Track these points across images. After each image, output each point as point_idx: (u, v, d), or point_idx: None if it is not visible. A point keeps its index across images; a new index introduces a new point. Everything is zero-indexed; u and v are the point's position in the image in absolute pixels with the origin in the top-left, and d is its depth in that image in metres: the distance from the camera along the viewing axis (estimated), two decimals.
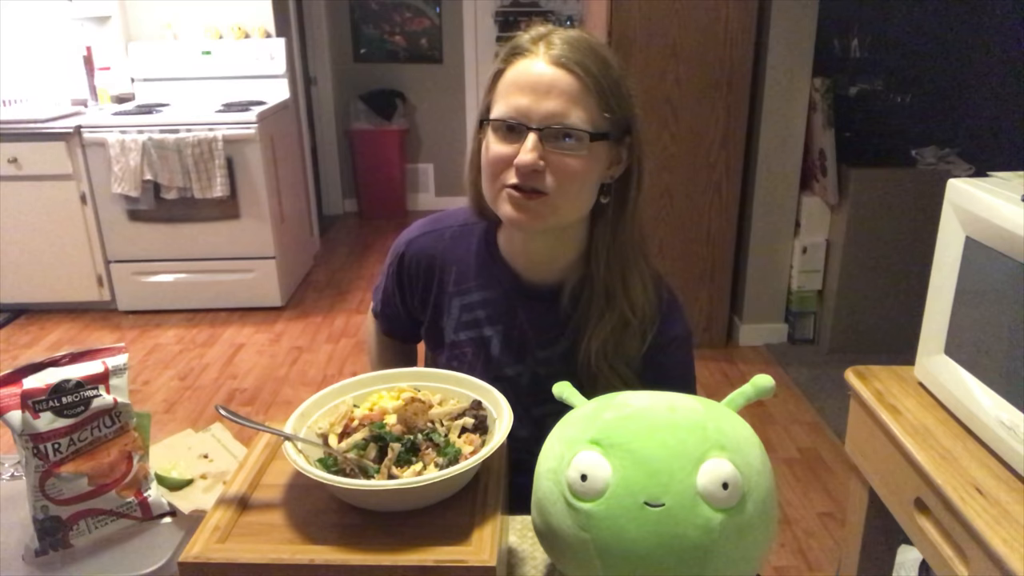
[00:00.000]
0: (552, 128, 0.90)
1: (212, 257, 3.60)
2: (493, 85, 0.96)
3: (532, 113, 0.90)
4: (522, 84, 0.92)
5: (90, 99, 3.86)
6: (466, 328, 1.08)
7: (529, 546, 0.88)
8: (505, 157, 0.92)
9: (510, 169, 0.92)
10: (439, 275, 1.09)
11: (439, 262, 1.09)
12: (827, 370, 3.06)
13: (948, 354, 1.04)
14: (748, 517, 0.66)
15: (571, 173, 0.92)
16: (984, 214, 0.95)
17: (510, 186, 0.93)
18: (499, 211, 0.97)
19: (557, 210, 0.94)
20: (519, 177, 0.91)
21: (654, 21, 2.88)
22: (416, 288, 1.12)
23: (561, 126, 0.90)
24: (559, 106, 0.90)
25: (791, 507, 2.27)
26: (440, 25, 5.08)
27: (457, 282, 1.08)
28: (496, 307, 1.06)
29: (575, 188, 0.94)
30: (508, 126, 0.92)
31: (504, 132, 0.93)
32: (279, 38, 3.90)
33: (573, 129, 0.90)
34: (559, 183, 0.92)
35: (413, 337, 1.21)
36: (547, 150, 0.90)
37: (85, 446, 0.86)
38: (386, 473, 0.76)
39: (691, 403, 0.73)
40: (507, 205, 0.94)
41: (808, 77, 2.99)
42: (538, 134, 0.90)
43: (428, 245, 1.10)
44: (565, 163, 0.91)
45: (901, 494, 1.02)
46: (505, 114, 0.92)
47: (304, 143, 4.40)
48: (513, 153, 0.91)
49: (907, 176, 3.00)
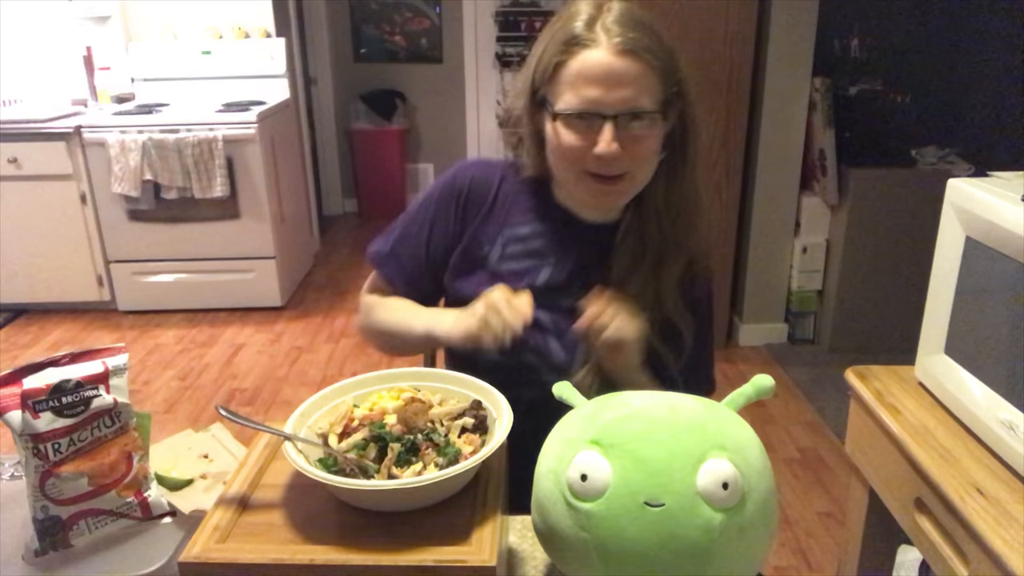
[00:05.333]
0: (626, 114, 0.95)
1: (212, 257, 3.60)
2: (554, 75, 0.99)
3: (605, 103, 0.95)
4: (590, 76, 0.95)
5: (90, 99, 3.86)
6: (514, 259, 1.09)
7: (529, 546, 0.88)
8: (580, 147, 0.97)
9: (586, 156, 0.97)
10: (491, 203, 1.12)
11: (493, 192, 1.12)
12: (827, 370, 3.06)
13: (948, 354, 1.04)
14: (748, 517, 0.66)
15: (647, 151, 0.98)
16: (984, 214, 0.95)
17: (591, 175, 0.98)
18: (578, 193, 1.02)
19: (637, 186, 1.01)
20: (601, 167, 0.97)
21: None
22: (457, 213, 1.12)
23: (635, 111, 0.95)
24: (630, 93, 0.95)
25: (791, 507, 2.27)
26: (440, 25, 5.08)
27: (510, 214, 1.11)
28: (549, 240, 1.09)
29: (651, 163, 1.01)
30: (580, 116, 0.96)
31: (576, 122, 0.97)
32: (279, 38, 3.90)
33: (645, 112, 0.96)
34: (637, 162, 0.98)
35: (414, 288, 1.17)
36: (621, 134, 0.95)
37: (85, 446, 0.86)
38: (386, 473, 0.76)
39: (691, 403, 0.73)
40: (588, 192, 1.01)
41: (808, 77, 2.99)
42: (614, 123, 0.94)
43: (484, 173, 1.14)
44: (641, 143, 0.97)
45: (901, 494, 1.02)
46: (578, 107, 0.96)
47: (304, 143, 4.40)
48: (588, 142, 0.96)
49: (907, 176, 3.00)
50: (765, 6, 2.91)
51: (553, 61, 0.98)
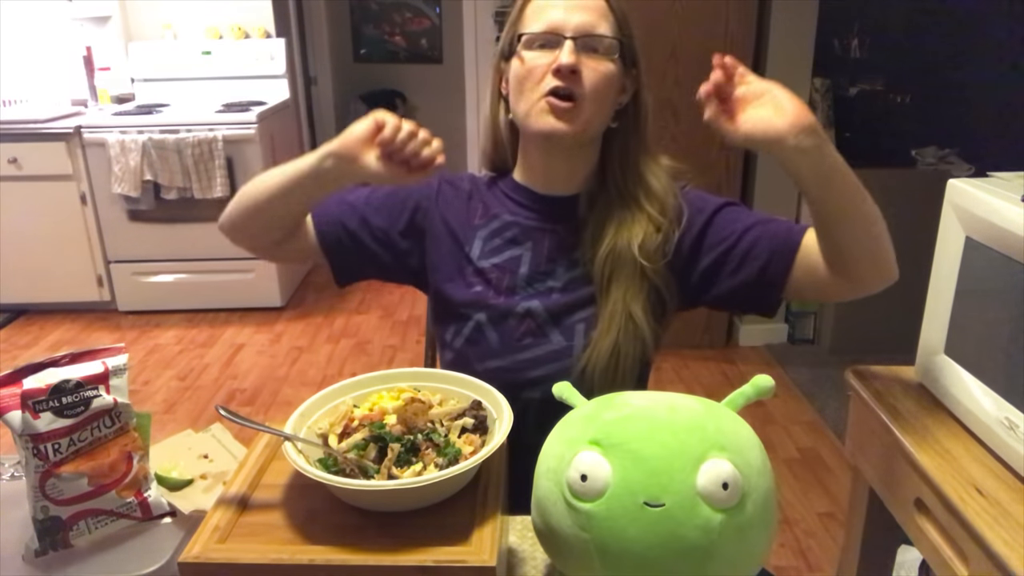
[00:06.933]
0: (585, 37, 0.99)
1: (212, 257, 3.60)
2: (520, 15, 1.05)
3: (566, 24, 1.00)
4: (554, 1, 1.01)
5: (90, 99, 3.86)
6: (493, 254, 1.10)
7: (529, 546, 0.88)
8: (541, 66, 1.00)
9: (546, 78, 1.00)
10: (465, 204, 1.14)
11: (465, 192, 1.15)
12: (827, 370, 3.06)
13: (948, 354, 1.04)
14: (748, 517, 0.66)
15: (604, 77, 1.01)
16: (984, 214, 0.95)
17: (548, 94, 1.00)
18: (536, 124, 1.03)
19: (590, 116, 1.02)
20: (559, 78, 0.99)
21: (654, 21, 2.88)
22: (415, 216, 1.12)
23: (594, 35, 1.00)
24: (590, 17, 1.00)
25: (791, 507, 2.27)
26: (440, 25, 5.08)
27: (482, 215, 1.13)
28: (522, 228, 1.10)
29: (606, 94, 1.02)
30: (544, 41, 1.01)
31: (538, 47, 1.01)
32: (279, 38, 3.90)
33: (604, 36, 1.01)
34: (593, 87, 1.00)
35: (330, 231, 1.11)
36: (581, 57, 0.99)
37: (85, 446, 0.86)
38: (386, 473, 0.76)
39: (691, 403, 0.73)
40: (545, 115, 1.01)
41: (808, 77, 2.99)
42: (574, 43, 0.99)
43: (453, 177, 1.17)
44: (598, 68, 1.00)
45: (901, 494, 1.02)
46: (540, 27, 1.01)
47: (304, 143, 4.40)
48: (549, 62, 1.00)
49: (907, 176, 3.00)
50: (765, 6, 2.91)
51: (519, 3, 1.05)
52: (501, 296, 1.07)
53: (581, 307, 1.06)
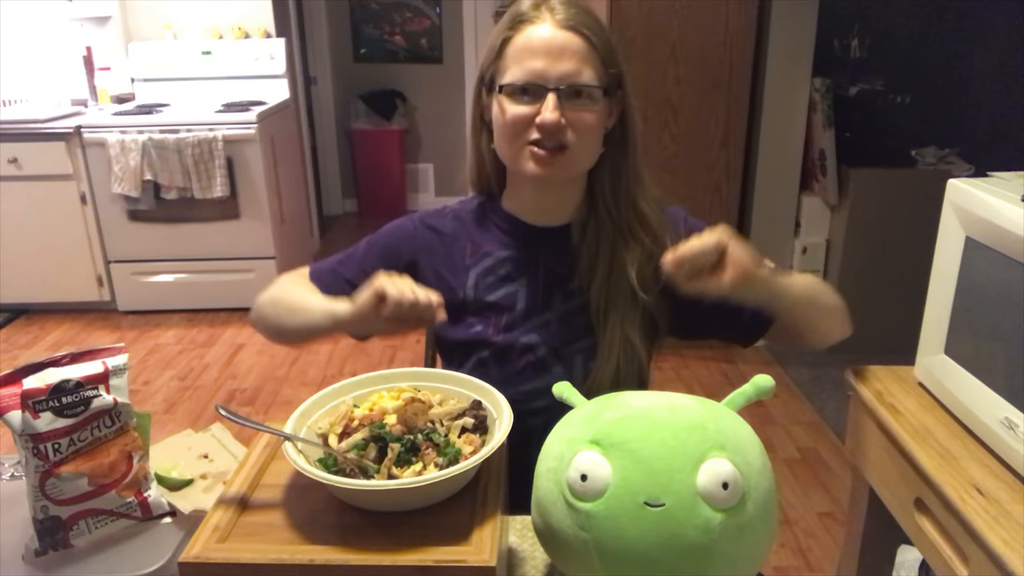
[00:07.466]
0: (569, 87, 0.97)
1: (212, 257, 3.60)
2: (500, 52, 1.02)
3: (548, 75, 0.97)
4: (535, 48, 0.98)
5: (90, 99, 3.86)
6: (489, 291, 1.09)
7: (529, 546, 0.88)
8: (525, 117, 0.99)
9: (530, 128, 0.99)
10: (448, 248, 1.12)
11: (449, 239, 1.12)
12: (827, 370, 3.06)
13: (948, 354, 1.04)
14: (748, 517, 0.66)
15: (589, 127, 1.00)
16: (984, 214, 0.95)
17: (532, 143, 0.99)
18: (522, 169, 1.02)
19: (578, 162, 1.02)
20: (544, 135, 0.98)
21: (654, 21, 2.88)
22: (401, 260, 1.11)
23: (577, 85, 0.97)
24: (572, 66, 0.97)
25: (791, 507, 2.27)
26: (440, 25, 5.08)
27: (472, 254, 1.11)
28: (515, 263, 1.09)
29: (592, 140, 1.02)
30: (525, 89, 0.98)
31: (520, 95, 0.99)
32: (279, 38, 3.90)
33: (587, 86, 0.98)
34: (579, 137, 0.99)
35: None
36: (565, 108, 0.97)
37: (85, 446, 0.86)
38: (386, 473, 0.76)
39: (691, 403, 0.73)
40: (531, 162, 1.00)
41: (808, 77, 2.99)
42: (556, 94, 0.96)
43: (436, 222, 1.14)
44: (582, 118, 0.99)
45: (901, 494, 1.02)
46: (522, 78, 0.98)
47: (304, 143, 4.40)
48: (532, 112, 0.98)
49: (907, 176, 3.00)
50: (765, 6, 2.91)
51: (500, 39, 1.01)
52: (501, 334, 1.07)
53: (579, 338, 1.06)
